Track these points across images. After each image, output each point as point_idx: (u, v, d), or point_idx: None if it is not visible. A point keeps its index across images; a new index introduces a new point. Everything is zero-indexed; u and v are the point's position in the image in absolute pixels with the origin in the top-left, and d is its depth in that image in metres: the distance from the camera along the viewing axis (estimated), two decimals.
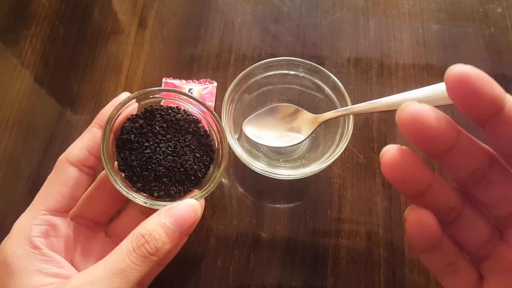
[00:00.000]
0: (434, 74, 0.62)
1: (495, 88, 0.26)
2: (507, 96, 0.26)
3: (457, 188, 0.33)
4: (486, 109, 0.26)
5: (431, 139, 0.27)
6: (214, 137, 0.45)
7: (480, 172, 0.30)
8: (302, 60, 0.53)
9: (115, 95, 0.51)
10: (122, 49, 0.65)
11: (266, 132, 0.53)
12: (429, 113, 0.26)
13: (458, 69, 0.25)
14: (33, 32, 0.66)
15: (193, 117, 0.44)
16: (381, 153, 0.29)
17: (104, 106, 0.42)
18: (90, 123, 0.42)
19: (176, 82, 0.62)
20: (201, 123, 0.45)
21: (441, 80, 0.30)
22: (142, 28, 0.67)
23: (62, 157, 0.40)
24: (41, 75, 0.63)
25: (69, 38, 0.66)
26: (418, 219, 0.31)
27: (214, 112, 0.43)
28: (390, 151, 0.29)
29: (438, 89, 0.42)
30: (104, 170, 0.41)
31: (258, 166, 0.50)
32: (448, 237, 0.34)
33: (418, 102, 0.26)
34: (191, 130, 0.43)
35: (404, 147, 0.29)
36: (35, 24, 0.67)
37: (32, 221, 0.38)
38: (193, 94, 0.54)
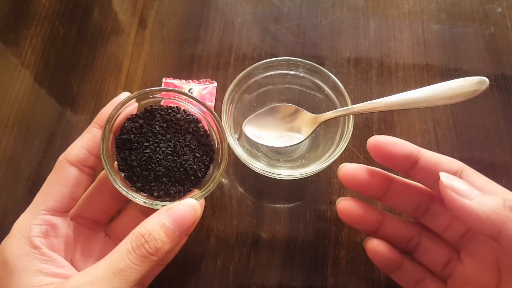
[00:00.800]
0: (434, 74, 0.62)
1: (406, 147, 0.37)
2: (421, 150, 0.37)
3: (413, 221, 0.42)
4: (403, 163, 0.37)
5: (366, 188, 0.41)
6: (214, 137, 0.45)
7: (423, 207, 0.40)
8: (302, 60, 0.53)
9: (115, 95, 0.51)
10: (122, 49, 0.65)
11: (266, 132, 0.53)
12: (358, 171, 0.41)
13: (374, 140, 0.38)
14: (33, 32, 0.66)
15: (193, 117, 0.44)
16: (336, 202, 0.44)
17: (104, 106, 0.42)
18: (90, 123, 0.42)
19: (176, 82, 0.62)
20: (201, 123, 0.45)
21: (441, 80, 0.31)
22: (142, 28, 0.67)
23: (62, 157, 0.40)
24: (41, 75, 0.63)
25: (69, 38, 0.66)
26: (373, 248, 0.42)
27: (214, 112, 0.43)
28: (340, 203, 0.43)
29: (438, 89, 0.42)
30: (104, 170, 0.41)
31: (258, 166, 0.50)
32: (415, 262, 0.42)
33: (349, 164, 0.42)
34: (191, 130, 0.43)
35: (351, 198, 0.43)
36: (35, 24, 0.67)
37: (32, 221, 0.38)
38: (193, 94, 0.54)
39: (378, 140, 0.38)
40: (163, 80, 0.62)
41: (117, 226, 0.46)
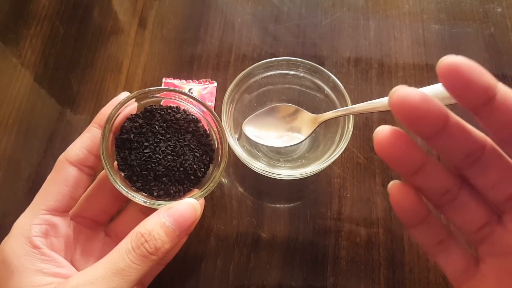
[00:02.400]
0: (434, 74, 0.62)
1: (486, 76, 0.27)
2: (499, 84, 0.28)
3: (454, 172, 0.34)
4: (479, 96, 0.28)
5: (419, 120, 0.29)
6: (214, 136, 0.45)
7: (473, 156, 0.31)
8: (302, 60, 0.53)
9: (115, 95, 0.51)
10: (122, 49, 0.65)
11: (266, 132, 0.53)
12: (417, 96, 0.28)
13: (450, 60, 0.27)
14: (33, 32, 0.66)
15: (193, 116, 0.44)
16: (374, 132, 0.31)
17: (104, 106, 0.42)
18: (90, 123, 0.42)
19: (176, 82, 0.62)
20: (201, 122, 0.45)
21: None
22: (142, 28, 0.67)
23: (61, 157, 0.40)
24: (41, 75, 0.63)
25: (69, 38, 0.66)
26: (399, 193, 0.34)
27: (213, 111, 0.43)
28: (382, 131, 0.31)
29: (438, 89, 0.42)
30: (104, 170, 0.41)
31: (258, 166, 0.50)
32: (445, 218, 0.35)
33: (404, 87, 0.28)
34: (190, 129, 0.43)
35: (396, 128, 0.30)
36: (35, 24, 0.67)
37: (32, 221, 0.38)
38: (193, 94, 0.54)
39: (455, 62, 0.27)
40: (163, 80, 0.62)
41: (117, 226, 0.46)
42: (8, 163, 0.57)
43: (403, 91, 0.28)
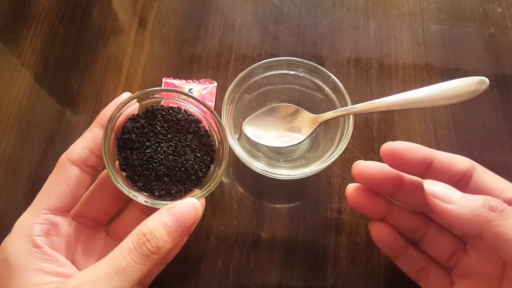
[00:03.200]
0: (434, 74, 0.62)
1: (420, 152, 0.37)
2: (433, 152, 0.37)
3: (420, 212, 0.43)
4: (419, 167, 0.38)
5: (378, 187, 0.41)
6: (215, 137, 0.45)
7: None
8: (302, 60, 0.53)
9: (115, 95, 0.51)
10: (122, 49, 0.65)
11: (266, 132, 0.53)
12: (372, 168, 0.41)
13: (387, 147, 0.38)
14: (33, 32, 0.66)
15: (194, 117, 0.44)
16: (346, 189, 0.44)
17: (104, 106, 0.42)
18: (90, 123, 0.42)
19: (176, 82, 0.62)
20: (202, 123, 0.45)
21: (441, 80, 0.31)
22: (142, 28, 0.67)
23: (63, 156, 0.40)
24: (41, 75, 0.63)
25: (69, 38, 0.66)
26: (377, 230, 0.43)
27: (214, 112, 0.43)
28: (349, 189, 0.44)
29: (438, 89, 0.42)
30: (105, 170, 0.41)
31: (258, 166, 0.50)
32: (419, 250, 0.43)
33: (363, 161, 0.42)
34: (192, 130, 0.43)
35: (359, 185, 0.43)
36: (35, 24, 0.67)
37: (33, 220, 0.38)
38: (193, 94, 0.54)
39: (392, 147, 0.38)
40: (163, 80, 0.62)
41: (118, 225, 0.46)
42: (8, 163, 0.57)
43: (361, 165, 0.41)
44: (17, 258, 0.36)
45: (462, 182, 0.38)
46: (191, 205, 0.39)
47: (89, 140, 0.41)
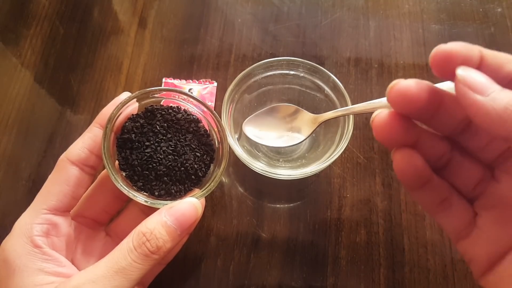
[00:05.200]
0: (434, 74, 0.62)
1: (473, 50, 0.29)
2: (483, 50, 0.30)
3: (445, 137, 0.36)
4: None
5: (419, 110, 0.32)
6: (214, 136, 0.45)
7: (464, 122, 0.34)
8: (302, 60, 0.53)
9: (115, 95, 0.50)
10: (122, 49, 0.65)
11: (266, 132, 0.53)
12: (414, 87, 0.30)
13: (441, 48, 0.29)
14: (33, 32, 0.66)
15: (194, 116, 0.44)
16: (371, 118, 0.34)
17: (104, 106, 0.42)
18: (90, 123, 0.42)
19: (176, 82, 0.62)
20: (202, 122, 0.45)
21: (441, 80, 0.30)
22: (142, 28, 0.67)
23: (63, 156, 0.40)
24: (41, 75, 0.63)
25: (69, 38, 0.66)
26: (404, 158, 0.34)
27: (214, 111, 0.43)
28: (380, 116, 0.33)
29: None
30: (105, 170, 0.41)
31: (258, 166, 0.50)
32: (443, 181, 0.36)
33: (403, 80, 0.30)
34: (191, 129, 0.43)
35: (391, 110, 0.32)
36: (35, 24, 0.67)
37: (33, 220, 0.38)
38: (193, 94, 0.54)
39: (447, 50, 0.29)
40: (163, 80, 0.62)
41: (117, 225, 0.46)
42: (8, 163, 0.57)
43: (401, 85, 0.30)
44: (17, 258, 0.36)
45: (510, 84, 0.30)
46: (191, 204, 0.39)
47: (88, 140, 0.41)
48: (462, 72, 0.28)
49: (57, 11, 0.68)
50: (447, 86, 0.34)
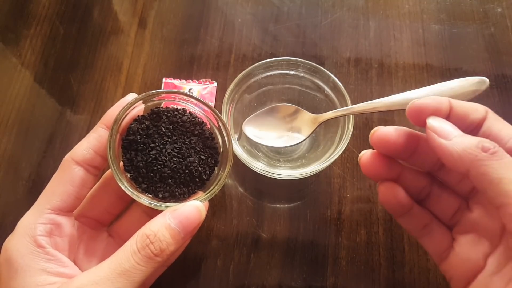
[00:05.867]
0: (434, 74, 0.62)
1: (443, 103, 0.36)
2: (452, 102, 0.37)
3: (425, 172, 0.43)
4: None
5: (395, 151, 0.40)
6: (219, 139, 0.45)
7: (440, 162, 0.41)
8: (302, 60, 0.53)
9: (115, 95, 0.50)
10: (122, 49, 0.65)
11: (266, 132, 0.53)
12: (392, 133, 0.39)
13: (415, 103, 0.37)
14: (33, 32, 0.66)
15: (199, 119, 0.44)
16: (359, 156, 0.42)
17: (104, 106, 0.42)
18: (90, 123, 0.42)
19: (176, 82, 0.62)
20: (207, 125, 0.45)
21: (441, 80, 0.31)
22: (142, 28, 0.67)
23: (68, 156, 0.40)
24: (41, 75, 0.63)
25: (69, 38, 0.66)
26: (387, 190, 0.41)
27: (221, 116, 0.44)
28: (364, 157, 0.42)
29: (438, 89, 0.42)
30: (109, 170, 0.41)
31: (258, 166, 0.50)
32: (424, 210, 0.43)
33: (383, 127, 0.40)
34: (196, 132, 0.43)
35: (373, 152, 0.41)
36: (35, 24, 0.67)
37: (36, 220, 0.38)
38: (193, 94, 0.54)
39: (419, 104, 0.37)
40: (163, 80, 0.62)
41: (120, 226, 0.46)
42: (8, 163, 0.57)
43: (381, 131, 0.39)
44: (20, 257, 0.36)
45: (474, 131, 0.37)
46: (195, 208, 0.39)
47: (93, 141, 0.41)
48: (431, 121, 0.35)
49: (57, 11, 0.68)
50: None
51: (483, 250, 0.38)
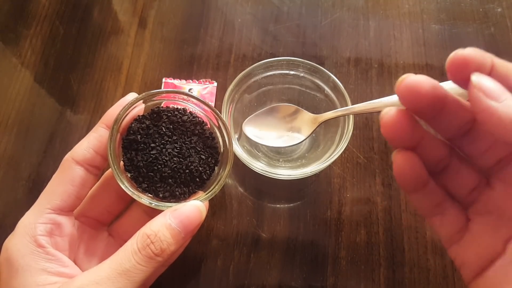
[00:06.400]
0: (434, 74, 0.62)
1: (486, 57, 0.30)
2: (494, 59, 0.31)
3: (445, 142, 0.37)
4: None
5: (425, 106, 0.32)
6: (220, 139, 0.45)
7: (466, 127, 0.35)
8: (302, 60, 0.53)
9: (115, 95, 0.50)
10: (122, 49, 0.65)
11: (266, 132, 0.53)
12: (423, 82, 0.31)
13: (459, 53, 0.30)
14: (33, 32, 0.66)
15: (199, 119, 0.44)
16: (381, 115, 0.34)
17: (104, 106, 0.42)
18: (90, 123, 0.42)
19: (176, 82, 0.62)
20: (207, 125, 0.45)
21: (441, 80, 0.31)
22: (142, 28, 0.67)
23: (68, 156, 0.40)
24: (41, 75, 0.63)
25: (69, 38, 0.66)
26: (404, 160, 0.35)
27: (221, 115, 0.43)
28: (389, 113, 0.33)
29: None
30: (110, 170, 0.41)
31: (258, 166, 0.50)
32: (439, 185, 0.37)
33: (413, 74, 0.31)
34: (196, 132, 0.43)
35: (401, 110, 0.33)
36: (35, 24, 0.67)
37: (37, 220, 0.38)
38: (193, 94, 0.54)
39: (463, 55, 0.31)
40: (163, 80, 0.62)
41: (120, 226, 0.46)
42: (8, 163, 0.57)
43: (411, 79, 0.31)
44: (20, 257, 0.36)
45: None
46: (195, 207, 0.39)
47: (94, 140, 0.41)
48: (477, 78, 0.29)
49: (57, 11, 0.68)
50: (448, 86, 0.35)
51: (503, 234, 0.34)
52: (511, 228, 0.33)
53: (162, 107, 0.44)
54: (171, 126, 0.42)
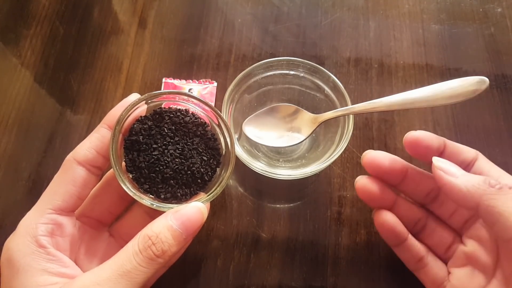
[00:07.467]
0: (434, 74, 0.62)
1: (437, 140, 0.42)
2: (446, 141, 0.42)
3: (421, 206, 0.47)
4: (435, 154, 0.41)
5: (386, 175, 0.45)
6: (222, 141, 0.45)
7: (432, 194, 0.45)
8: (302, 60, 0.53)
9: (115, 95, 0.50)
10: (122, 49, 0.65)
11: (266, 132, 0.53)
12: (382, 157, 0.44)
13: (410, 136, 0.42)
14: (33, 32, 0.66)
15: (201, 120, 0.44)
16: (355, 181, 0.47)
17: (104, 106, 0.42)
18: (90, 123, 0.42)
19: (176, 82, 0.62)
20: (209, 126, 0.45)
21: (441, 80, 0.31)
22: (142, 28, 0.67)
23: (70, 156, 0.40)
24: (41, 75, 0.63)
25: (69, 38, 0.66)
26: (380, 218, 0.45)
27: (222, 116, 0.43)
28: (360, 181, 0.46)
29: (438, 89, 0.42)
30: (111, 170, 0.41)
31: (258, 166, 0.50)
32: (421, 243, 0.46)
33: (373, 150, 0.45)
34: (199, 133, 0.43)
35: (369, 177, 0.45)
36: (35, 24, 0.67)
37: (38, 220, 0.38)
38: (193, 94, 0.54)
39: (415, 136, 0.42)
40: (163, 80, 0.62)
41: (121, 226, 0.46)
42: (8, 163, 0.57)
43: (371, 154, 0.45)
44: (21, 257, 0.36)
45: (466, 169, 0.40)
46: (197, 209, 0.39)
47: (95, 141, 0.41)
48: (438, 161, 0.39)
49: (57, 11, 0.68)
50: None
51: (478, 282, 0.40)
52: (484, 277, 0.40)
53: (163, 107, 0.43)
54: (173, 127, 0.42)
